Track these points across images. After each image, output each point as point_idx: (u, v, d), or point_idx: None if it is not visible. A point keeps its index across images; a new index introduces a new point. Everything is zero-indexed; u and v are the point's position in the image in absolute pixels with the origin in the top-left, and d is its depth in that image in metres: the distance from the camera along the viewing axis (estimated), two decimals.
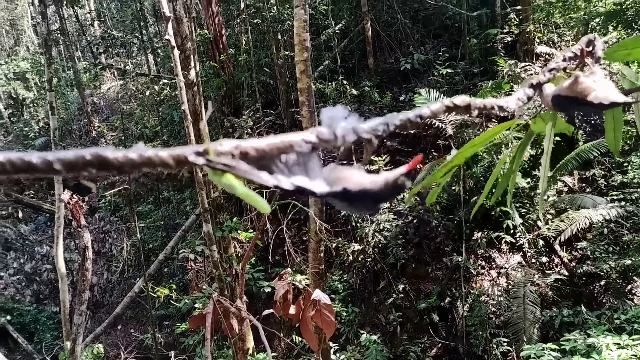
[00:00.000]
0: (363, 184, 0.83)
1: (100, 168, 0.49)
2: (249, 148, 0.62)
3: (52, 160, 0.47)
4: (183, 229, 12.28)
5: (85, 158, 0.48)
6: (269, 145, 0.66)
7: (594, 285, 8.68)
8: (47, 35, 10.76)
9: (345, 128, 0.77)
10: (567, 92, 1.15)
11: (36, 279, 16.06)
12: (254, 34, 13.20)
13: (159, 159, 0.54)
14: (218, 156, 0.59)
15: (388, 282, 9.71)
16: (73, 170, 0.49)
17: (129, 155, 0.51)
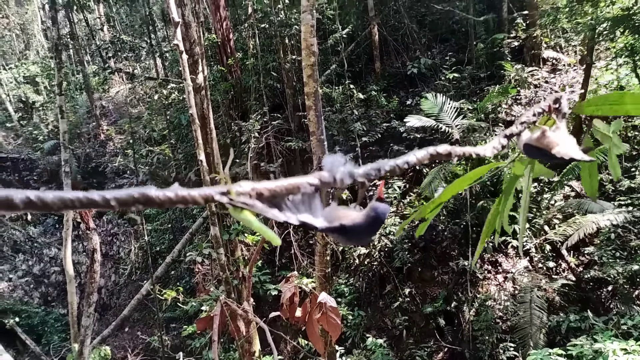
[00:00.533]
0: (354, 220, 0.99)
1: (145, 204, 0.59)
2: (263, 189, 0.73)
3: (109, 198, 0.57)
4: (190, 232, 12.35)
5: (134, 196, 0.58)
6: (279, 187, 0.77)
7: (601, 291, 8.64)
8: (57, 39, 10.88)
9: (343, 172, 0.90)
10: (535, 143, 1.33)
11: (44, 281, 16.16)
12: (262, 39, 13.27)
13: (191, 197, 0.64)
14: (238, 196, 0.70)
15: (394, 285, 9.72)
16: (125, 205, 0.58)
17: (168, 194, 0.61)
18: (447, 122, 9.55)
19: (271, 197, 0.77)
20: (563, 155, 1.27)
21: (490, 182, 9.48)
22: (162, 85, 14.32)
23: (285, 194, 0.80)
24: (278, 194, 0.77)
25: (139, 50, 17.75)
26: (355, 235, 1.00)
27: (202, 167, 7.37)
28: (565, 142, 1.30)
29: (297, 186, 0.80)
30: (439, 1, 13.54)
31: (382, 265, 9.89)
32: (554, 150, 1.29)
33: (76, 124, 20.64)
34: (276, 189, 0.76)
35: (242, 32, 13.77)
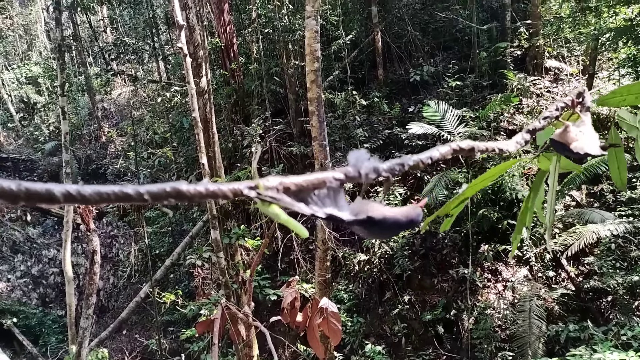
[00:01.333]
0: (384, 213, 0.98)
1: (177, 198, 0.59)
2: (290, 184, 0.74)
3: (142, 192, 0.57)
4: (190, 235, 12.34)
5: (166, 190, 0.59)
6: (306, 182, 0.78)
7: (600, 301, 8.63)
8: (61, 40, 10.92)
9: (368, 167, 0.90)
10: (558, 138, 1.33)
11: (43, 282, 16.14)
12: (265, 43, 13.31)
13: (221, 192, 0.65)
14: (266, 190, 0.71)
15: (394, 292, 9.71)
16: (157, 199, 0.58)
17: (199, 188, 0.62)
18: (449, 129, 9.57)
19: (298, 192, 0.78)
20: (579, 150, 1.28)
21: (491, 190, 9.49)
22: (164, 89, 14.35)
23: (311, 189, 0.80)
24: (305, 188, 0.78)
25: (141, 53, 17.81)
26: (380, 229, 0.98)
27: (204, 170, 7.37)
28: (585, 137, 1.31)
29: (324, 180, 0.80)
30: (443, 9, 13.59)
31: (381, 272, 9.88)
32: (572, 145, 1.30)
33: (77, 125, 20.67)
34: (303, 184, 0.77)
35: (246, 37, 13.82)
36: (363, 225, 0.97)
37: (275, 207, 0.73)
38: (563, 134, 1.33)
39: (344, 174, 0.85)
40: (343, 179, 0.85)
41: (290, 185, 0.74)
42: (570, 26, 11.16)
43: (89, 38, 23.05)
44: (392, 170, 0.93)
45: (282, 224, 1.46)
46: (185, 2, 7.85)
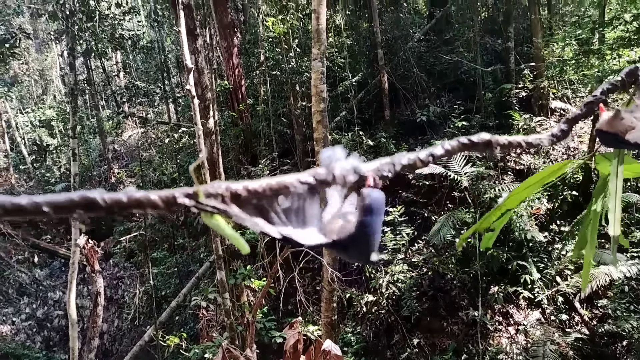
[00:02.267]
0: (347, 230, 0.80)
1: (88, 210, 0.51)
2: (241, 190, 0.63)
3: (41, 203, 0.50)
4: (197, 276, 12.23)
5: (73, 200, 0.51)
6: (262, 187, 0.65)
7: (615, 346, 8.37)
8: (74, 85, 11.16)
9: (344, 168, 0.75)
10: (606, 127, 1.08)
11: (47, 325, 15.96)
12: (273, 85, 13.54)
13: (148, 201, 0.55)
14: (208, 198, 0.61)
15: (402, 335, 9.48)
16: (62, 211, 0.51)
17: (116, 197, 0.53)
18: (456, 169, 9.54)
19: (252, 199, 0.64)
20: (637, 140, 1.03)
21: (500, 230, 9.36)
22: (173, 130, 14.55)
23: (270, 196, 0.66)
24: (261, 195, 0.64)
25: (152, 96, 18.16)
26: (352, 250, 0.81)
27: None
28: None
29: (285, 185, 0.66)
30: (448, 52, 13.81)
31: (389, 314, 9.68)
32: (629, 135, 1.03)
33: (88, 166, 20.90)
34: (258, 189, 0.64)
35: (254, 79, 14.08)
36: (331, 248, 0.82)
37: (219, 218, 0.62)
38: (614, 122, 1.07)
39: (313, 176, 0.70)
40: (312, 183, 0.70)
41: (241, 191, 0.62)
42: (573, 68, 11.27)
43: (102, 82, 23.59)
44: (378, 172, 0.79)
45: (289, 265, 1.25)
46: (194, 47, 8.03)
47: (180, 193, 0.58)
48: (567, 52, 11.47)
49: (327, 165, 0.75)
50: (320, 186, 0.73)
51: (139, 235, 12.43)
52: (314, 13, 7.11)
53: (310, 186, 0.71)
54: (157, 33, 18.93)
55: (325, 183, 0.73)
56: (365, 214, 0.79)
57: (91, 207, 0.52)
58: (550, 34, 13.61)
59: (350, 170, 0.75)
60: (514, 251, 9.33)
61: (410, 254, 10.43)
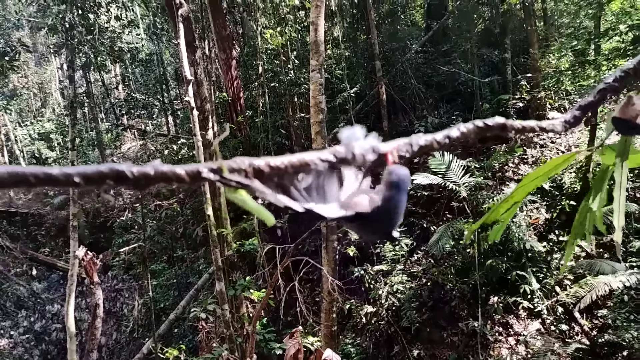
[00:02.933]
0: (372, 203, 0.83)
1: (117, 181, 0.54)
2: (263, 166, 0.65)
3: (72, 173, 0.53)
4: (196, 288, 12.19)
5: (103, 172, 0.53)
6: (284, 164, 0.67)
7: (616, 356, 8.34)
8: (74, 97, 11.21)
9: (363, 147, 0.77)
10: (619, 114, 1.07)
11: (45, 338, 15.85)
12: (271, 97, 13.61)
13: (174, 174, 0.57)
14: (232, 173, 0.63)
15: (402, 346, 9.44)
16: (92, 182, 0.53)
17: (144, 170, 0.55)
18: (454, 180, 9.58)
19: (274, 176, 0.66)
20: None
21: (498, 240, 9.39)
22: (172, 141, 14.59)
23: (292, 173, 0.68)
24: (282, 172, 0.66)
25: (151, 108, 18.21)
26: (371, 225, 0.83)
27: (209, 221, 7.38)
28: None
29: (307, 162, 0.68)
30: (445, 63, 13.91)
31: (389, 325, 9.65)
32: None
33: None
34: (280, 166, 0.66)
35: (252, 91, 14.14)
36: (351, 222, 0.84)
37: (243, 193, 0.64)
38: (626, 108, 1.06)
39: (333, 154, 0.72)
40: (332, 161, 0.72)
41: (264, 167, 0.64)
42: (570, 79, 11.35)
43: (101, 95, 23.68)
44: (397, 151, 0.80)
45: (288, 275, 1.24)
46: (193, 59, 8.10)
47: (205, 167, 0.60)
48: (563, 63, 11.56)
49: (346, 144, 0.76)
50: (339, 164, 0.74)
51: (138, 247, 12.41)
52: (312, 25, 7.18)
53: (330, 164, 0.73)
54: (156, 46, 19.03)
55: (344, 161, 0.75)
56: (391, 189, 0.80)
57: (120, 179, 0.54)
58: (546, 45, 13.72)
59: (369, 150, 0.77)
60: (513, 261, 9.33)
61: (409, 265, 10.42)
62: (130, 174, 0.55)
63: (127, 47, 18.40)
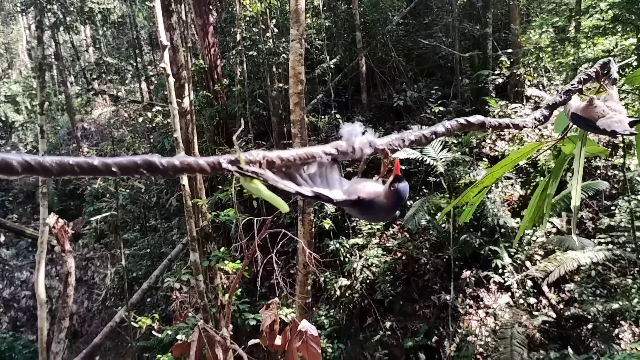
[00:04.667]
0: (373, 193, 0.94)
1: (149, 171, 0.60)
2: (275, 158, 0.72)
3: (110, 164, 0.59)
4: (169, 258, 12.09)
5: (137, 163, 0.60)
6: (293, 156, 0.75)
7: (581, 329, 8.62)
8: (42, 59, 10.77)
9: (362, 142, 0.87)
10: (581, 113, 1.21)
11: (14, 305, 15.64)
12: (249, 66, 13.33)
13: (197, 165, 0.64)
14: (248, 164, 0.68)
15: (375, 318, 9.57)
16: (127, 172, 0.60)
17: (173, 161, 0.62)
18: (431, 155, 9.60)
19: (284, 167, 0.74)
20: (606, 127, 1.16)
21: (473, 216, 9.48)
22: (146, 109, 14.22)
23: (299, 164, 0.76)
24: (291, 163, 0.74)
25: (124, 73, 17.69)
26: (373, 211, 0.94)
27: (184, 191, 7.24)
28: (613, 113, 1.16)
29: (313, 155, 0.77)
30: (426, 36, 13.79)
31: (363, 298, 9.75)
32: (598, 122, 1.17)
33: (56, 145, 20.35)
34: (289, 158, 0.74)
35: (230, 59, 13.83)
36: (354, 207, 0.93)
37: (258, 183, 0.70)
38: (587, 108, 1.18)
39: (336, 148, 0.81)
40: (334, 154, 0.80)
41: (276, 159, 0.71)
42: (549, 56, 11.38)
43: (71, 57, 22.89)
44: (390, 146, 0.90)
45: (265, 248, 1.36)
46: (169, 24, 7.83)
47: (225, 160, 0.67)
48: (543, 40, 11.58)
49: (347, 139, 0.86)
50: (341, 157, 0.83)
51: (110, 216, 12.18)
52: None
53: (333, 157, 0.82)
54: (129, 8, 18.40)
55: (345, 154, 0.84)
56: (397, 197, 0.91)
57: (152, 169, 0.61)
58: (527, 21, 13.71)
59: (366, 144, 0.87)
60: (487, 236, 9.48)
61: (384, 239, 10.50)
62: (160, 165, 0.62)
63: (99, 8, 17.71)
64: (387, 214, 0.97)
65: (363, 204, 0.92)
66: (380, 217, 0.99)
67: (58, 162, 0.57)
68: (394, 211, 0.98)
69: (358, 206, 0.93)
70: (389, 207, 0.93)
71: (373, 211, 0.95)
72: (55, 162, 0.57)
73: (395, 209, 0.97)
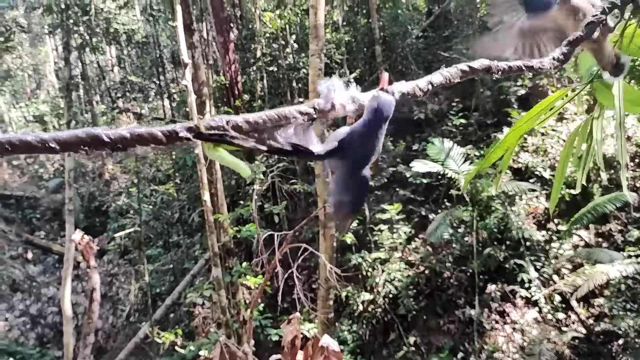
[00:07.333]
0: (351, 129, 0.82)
1: (93, 145, 0.54)
2: (240, 121, 0.65)
3: (47, 139, 0.53)
4: (192, 274, 12.15)
5: (78, 136, 0.54)
6: (262, 118, 0.67)
7: (612, 344, 8.37)
8: (69, 79, 11.05)
9: (343, 97, 0.77)
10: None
11: (41, 321, 15.85)
12: (269, 81, 13.45)
13: (150, 135, 0.58)
14: (209, 130, 0.62)
15: (398, 334, 9.44)
16: (68, 147, 0.54)
17: (121, 133, 0.56)
18: (453, 167, 9.50)
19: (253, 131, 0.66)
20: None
21: (497, 229, 9.35)
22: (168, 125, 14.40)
23: (271, 127, 0.68)
24: (261, 126, 0.66)
25: (147, 91, 18.00)
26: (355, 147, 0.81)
27: (206, 207, 7.30)
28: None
29: (285, 116, 0.68)
30: (445, 49, 13.75)
31: (386, 312, 9.64)
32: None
33: (82, 163, 20.74)
34: (258, 120, 0.66)
35: (250, 75, 13.97)
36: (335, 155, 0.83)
37: (222, 150, 0.65)
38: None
39: (312, 106, 0.72)
40: (311, 113, 0.72)
41: (242, 123, 0.64)
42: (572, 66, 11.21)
43: (97, 77, 23.40)
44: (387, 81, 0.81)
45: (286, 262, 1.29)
46: (191, 42, 7.96)
47: (182, 127, 0.61)
48: None
49: (326, 96, 0.75)
50: (320, 116, 0.74)
51: (134, 232, 12.32)
52: (312, 8, 7.03)
53: (310, 117, 0.72)
54: (153, 27, 18.77)
55: (325, 113, 0.74)
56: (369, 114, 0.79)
57: (96, 142, 0.55)
58: None
59: (348, 99, 0.76)
60: (511, 250, 9.30)
61: (407, 253, 10.38)
62: (106, 137, 0.56)
63: (123, 29, 18.13)
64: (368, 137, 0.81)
65: (344, 145, 0.81)
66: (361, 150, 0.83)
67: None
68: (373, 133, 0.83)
69: (340, 152, 0.82)
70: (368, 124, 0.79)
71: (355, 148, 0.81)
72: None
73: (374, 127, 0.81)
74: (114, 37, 17.40)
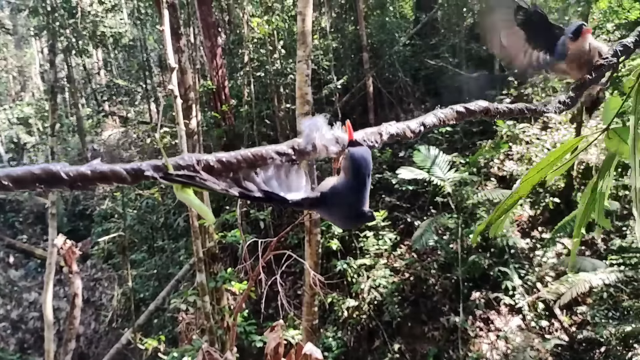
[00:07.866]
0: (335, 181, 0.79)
1: (50, 183, 0.49)
2: (212, 160, 0.60)
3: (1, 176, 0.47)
4: (176, 279, 12.04)
5: (34, 174, 0.48)
6: (236, 158, 0.63)
7: (594, 352, 8.43)
8: (54, 82, 10.94)
9: (326, 138, 0.73)
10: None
11: (22, 326, 15.61)
12: (257, 87, 13.43)
13: (113, 173, 0.53)
14: (178, 170, 0.58)
15: (383, 340, 9.43)
16: (22, 185, 0.48)
17: (82, 170, 0.51)
18: (439, 175, 9.54)
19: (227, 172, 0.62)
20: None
21: (482, 236, 9.39)
22: (154, 130, 14.35)
23: (247, 169, 0.63)
24: (235, 167, 0.62)
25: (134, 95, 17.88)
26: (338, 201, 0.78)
27: (191, 212, 7.24)
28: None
29: (262, 156, 0.63)
30: (433, 57, 13.85)
31: (371, 319, 9.63)
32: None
33: None
34: (231, 160, 0.61)
35: (238, 80, 13.95)
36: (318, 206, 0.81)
37: (189, 192, 0.60)
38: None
39: (292, 147, 0.68)
40: (290, 154, 0.68)
41: (214, 163, 0.60)
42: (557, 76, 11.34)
43: (83, 80, 23.22)
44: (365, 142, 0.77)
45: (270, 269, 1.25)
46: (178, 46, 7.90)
47: (148, 165, 0.56)
48: None
49: (307, 136, 0.72)
50: (300, 157, 0.70)
51: (118, 236, 12.19)
52: (300, 15, 7.04)
53: (289, 158, 0.67)
54: (140, 31, 18.68)
55: (305, 154, 0.70)
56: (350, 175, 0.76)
57: (54, 180, 0.50)
58: None
59: (331, 141, 0.73)
60: (496, 257, 9.36)
61: (392, 259, 10.40)
62: (64, 175, 0.51)
63: (110, 32, 18.02)
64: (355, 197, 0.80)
65: (326, 198, 0.79)
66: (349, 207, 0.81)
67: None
68: (359, 192, 0.81)
69: (323, 203, 0.80)
70: (351, 186, 0.77)
71: (339, 201, 0.80)
72: None
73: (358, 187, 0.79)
74: (100, 40, 17.29)
